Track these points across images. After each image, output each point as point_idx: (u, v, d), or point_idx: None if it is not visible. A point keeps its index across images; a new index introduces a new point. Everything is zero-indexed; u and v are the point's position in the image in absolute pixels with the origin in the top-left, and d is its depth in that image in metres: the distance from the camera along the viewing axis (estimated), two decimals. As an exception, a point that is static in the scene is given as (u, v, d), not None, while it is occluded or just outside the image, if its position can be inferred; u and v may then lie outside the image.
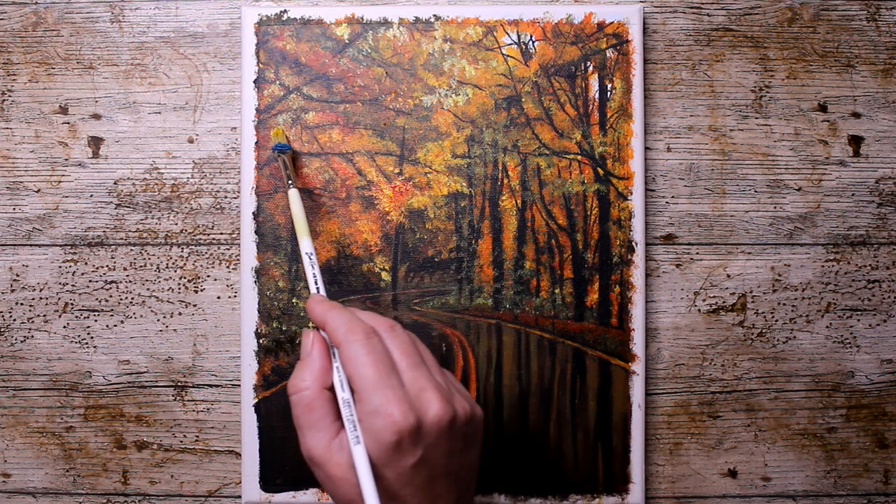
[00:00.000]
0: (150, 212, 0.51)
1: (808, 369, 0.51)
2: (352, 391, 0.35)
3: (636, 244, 0.49)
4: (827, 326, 0.51)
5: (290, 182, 0.46)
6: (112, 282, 0.51)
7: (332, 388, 0.36)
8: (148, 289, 0.51)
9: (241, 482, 0.50)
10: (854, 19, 0.51)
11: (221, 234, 0.51)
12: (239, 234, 0.51)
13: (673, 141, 0.51)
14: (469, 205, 0.50)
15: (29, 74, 0.51)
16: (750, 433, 0.51)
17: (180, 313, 0.51)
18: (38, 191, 0.51)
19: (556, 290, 0.50)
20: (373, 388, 0.33)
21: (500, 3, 0.51)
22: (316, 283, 0.41)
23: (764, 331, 0.51)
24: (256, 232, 0.49)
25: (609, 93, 0.50)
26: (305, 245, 0.42)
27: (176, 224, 0.51)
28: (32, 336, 0.51)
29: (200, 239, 0.51)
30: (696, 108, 0.51)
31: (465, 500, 0.37)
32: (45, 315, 0.51)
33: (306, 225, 0.44)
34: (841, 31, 0.51)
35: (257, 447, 0.49)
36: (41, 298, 0.51)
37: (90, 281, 0.51)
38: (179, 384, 0.51)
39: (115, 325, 0.51)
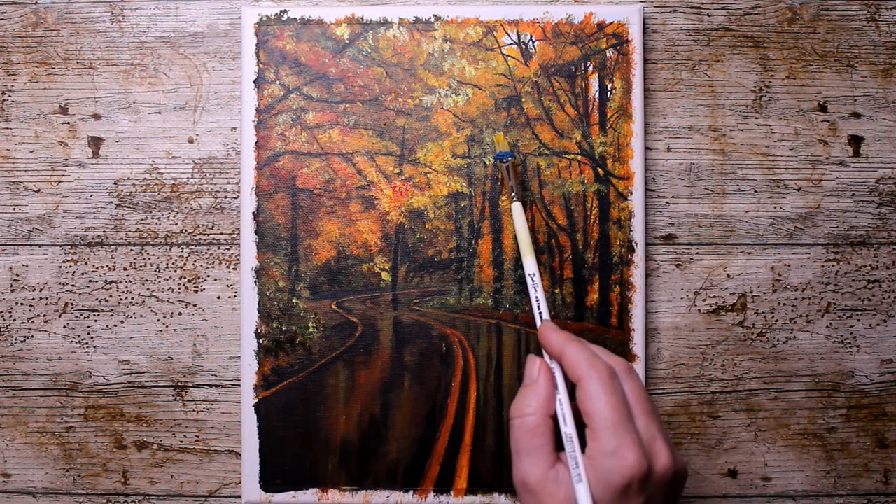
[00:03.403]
0: (150, 212, 0.51)
1: (808, 369, 0.51)
2: (580, 427, 0.35)
3: (636, 244, 0.49)
4: (827, 326, 0.51)
5: (513, 195, 0.45)
6: (112, 282, 0.51)
7: (553, 418, 0.36)
8: (148, 289, 0.51)
9: (241, 482, 0.50)
10: (854, 19, 0.51)
11: (221, 234, 0.51)
12: (239, 234, 0.51)
13: (673, 141, 0.51)
14: (469, 205, 0.50)
15: (29, 74, 0.51)
16: (750, 433, 0.51)
17: (180, 313, 0.51)
18: (38, 191, 0.51)
19: (556, 290, 0.50)
20: (612, 428, 0.33)
21: (500, 3, 0.51)
22: (539, 309, 0.40)
23: (764, 331, 0.51)
24: (256, 232, 0.49)
25: (609, 93, 0.50)
26: (529, 266, 0.42)
27: (176, 224, 0.51)
28: (32, 336, 0.51)
29: (200, 239, 0.51)
30: (696, 108, 0.51)
31: None
32: (45, 315, 0.51)
33: (531, 243, 0.43)
34: (841, 31, 0.51)
35: (257, 447, 0.49)
36: (41, 298, 0.51)
37: (90, 281, 0.51)
38: (179, 384, 0.51)
39: (115, 325, 0.51)
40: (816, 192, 0.51)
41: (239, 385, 0.51)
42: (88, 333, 0.51)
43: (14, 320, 0.51)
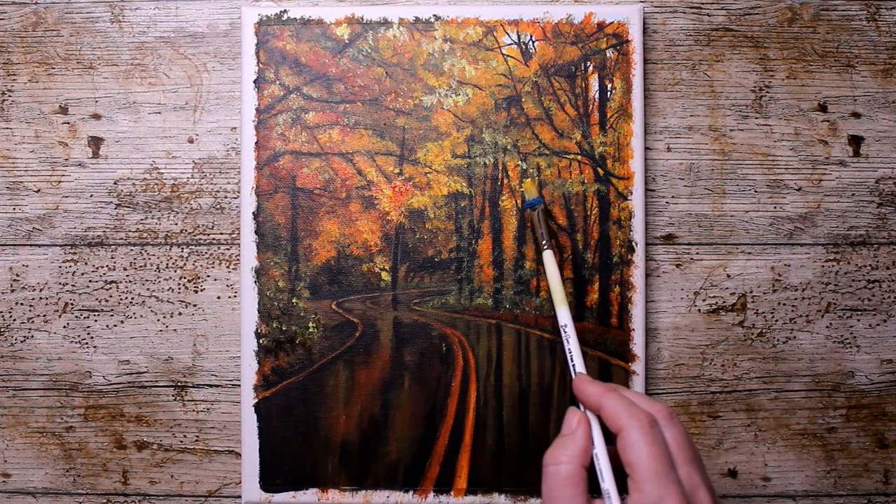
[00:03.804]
0: (150, 212, 0.51)
1: (808, 369, 0.51)
2: (615, 475, 0.36)
3: (636, 244, 0.49)
4: (827, 326, 0.51)
5: (543, 243, 0.45)
6: (112, 282, 0.51)
7: (589, 470, 0.36)
8: (148, 289, 0.51)
9: (241, 482, 0.50)
10: (854, 19, 0.51)
11: (221, 234, 0.51)
12: (239, 234, 0.51)
13: (673, 141, 0.51)
14: (469, 205, 0.50)
15: (29, 74, 0.51)
16: (750, 433, 0.51)
17: (180, 313, 0.51)
18: (38, 191, 0.51)
19: (556, 290, 0.50)
20: (655, 479, 0.33)
21: (500, 3, 0.51)
22: (572, 361, 0.41)
23: (764, 331, 0.51)
24: (256, 232, 0.49)
25: (609, 93, 0.50)
26: (563, 316, 0.42)
27: (176, 224, 0.51)
28: (32, 336, 0.51)
29: (200, 239, 0.51)
30: (696, 108, 0.51)
31: None
32: (45, 315, 0.51)
33: (564, 293, 0.43)
34: (841, 31, 0.51)
35: (257, 447, 0.49)
36: (41, 298, 0.51)
37: (90, 281, 0.51)
38: (179, 384, 0.51)
39: (115, 325, 0.51)
40: (816, 192, 0.51)
41: (239, 385, 0.51)
42: (88, 333, 0.51)
43: (14, 320, 0.51)
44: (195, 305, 0.51)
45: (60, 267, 0.51)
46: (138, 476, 0.51)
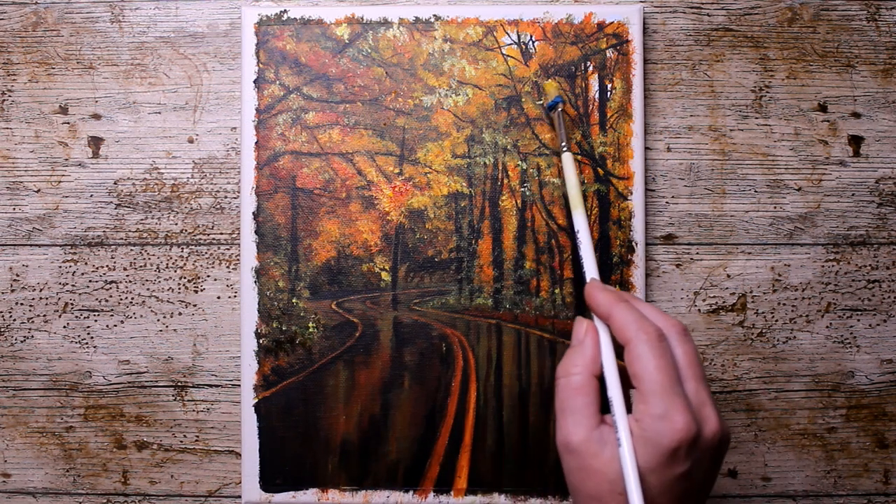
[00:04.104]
0: (150, 212, 0.51)
1: (808, 369, 0.51)
2: (627, 388, 0.35)
3: (636, 244, 0.49)
4: (827, 326, 0.51)
5: (563, 144, 0.43)
6: (112, 282, 0.51)
7: (599, 379, 0.36)
8: (148, 289, 0.51)
9: (241, 482, 0.50)
10: (854, 19, 0.51)
11: (221, 234, 0.51)
12: (239, 234, 0.51)
13: (673, 141, 0.51)
14: (469, 205, 0.50)
15: (29, 74, 0.51)
16: (750, 433, 0.51)
17: (180, 313, 0.51)
18: (38, 191, 0.51)
19: (556, 290, 0.50)
20: (661, 392, 0.33)
21: (500, 3, 0.51)
22: (583, 268, 0.39)
23: (764, 331, 0.51)
24: (256, 232, 0.49)
25: (609, 93, 0.50)
26: (578, 220, 0.40)
27: (176, 224, 0.51)
28: (32, 336, 0.51)
29: (200, 239, 0.51)
30: (696, 108, 0.51)
31: None
32: (45, 315, 0.51)
33: (581, 196, 0.41)
34: (841, 31, 0.51)
35: (257, 447, 0.49)
36: (41, 298, 0.51)
37: (90, 281, 0.51)
38: (179, 384, 0.51)
39: (115, 325, 0.51)
40: (816, 192, 0.51)
41: (239, 385, 0.51)
42: (88, 333, 0.51)
43: (14, 320, 0.51)
44: (195, 305, 0.51)
45: (60, 267, 0.51)
46: (138, 476, 0.51)
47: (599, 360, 0.36)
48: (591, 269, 0.40)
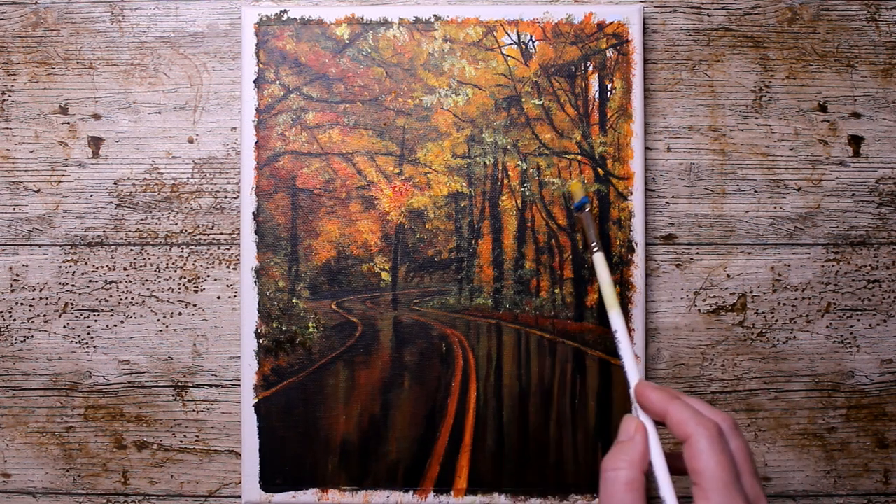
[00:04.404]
0: (150, 212, 0.51)
1: (808, 369, 0.51)
2: (677, 482, 0.36)
3: (636, 244, 0.49)
4: (827, 326, 0.51)
5: (594, 245, 0.43)
6: (112, 282, 0.51)
7: (647, 477, 0.37)
8: (148, 289, 0.51)
9: (241, 482, 0.50)
10: (854, 19, 0.51)
11: (221, 234, 0.51)
12: (239, 234, 0.51)
13: (673, 141, 0.51)
14: (469, 205, 0.50)
15: (29, 74, 0.51)
16: (750, 433, 0.51)
17: (180, 313, 0.51)
18: (38, 191, 0.51)
19: (556, 290, 0.50)
20: (723, 488, 0.34)
21: (500, 3, 0.51)
22: (624, 368, 0.39)
23: (764, 331, 0.51)
24: (256, 232, 0.49)
25: (609, 93, 0.50)
26: (616, 321, 0.40)
27: (176, 224, 0.51)
28: (32, 336, 0.51)
29: (200, 239, 0.51)
30: (696, 108, 0.51)
31: None
32: (45, 315, 0.51)
33: (615, 296, 0.40)
34: (841, 31, 0.51)
35: (257, 447, 0.49)
36: (41, 298, 0.51)
37: (90, 281, 0.51)
38: (179, 384, 0.51)
39: (115, 325, 0.51)
40: (816, 192, 0.51)
41: (239, 385, 0.51)
42: (88, 333, 0.51)
43: (14, 320, 0.51)
44: (195, 305, 0.51)
45: (60, 267, 0.51)
46: (138, 476, 0.51)
47: (648, 457, 0.37)
48: (632, 370, 0.40)
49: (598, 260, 0.42)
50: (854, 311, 0.51)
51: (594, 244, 0.43)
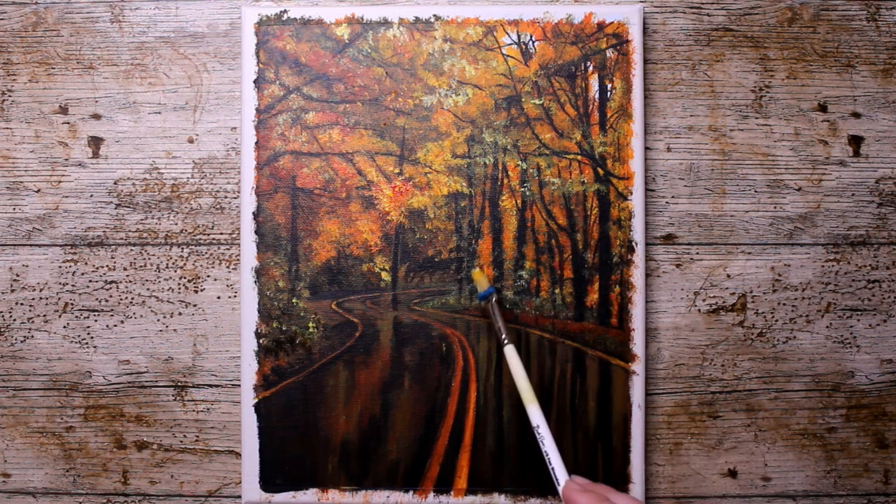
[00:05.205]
0: (150, 212, 0.51)
1: (808, 369, 0.51)
2: None
3: (636, 244, 0.49)
4: (827, 326, 0.51)
5: (503, 337, 0.42)
6: (112, 282, 0.51)
7: None
8: (148, 289, 0.51)
9: (241, 482, 0.50)
10: (854, 19, 0.51)
11: (221, 234, 0.51)
12: (239, 234, 0.51)
13: (673, 141, 0.51)
14: (469, 205, 0.50)
15: (29, 74, 0.51)
16: (750, 433, 0.51)
17: (180, 313, 0.51)
18: (38, 191, 0.51)
19: (556, 290, 0.50)
20: None
21: (500, 3, 0.51)
22: (551, 465, 0.37)
23: (764, 331, 0.51)
24: (256, 232, 0.49)
25: (609, 93, 0.50)
26: (535, 416, 0.38)
27: (176, 224, 0.51)
28: (32, 336, 0.51)
29: (200, 239, 0.51)
30: (696, 108, 0.51)
31: None
32: (45, 315, 0.51)
33: (531, 389, 0.39)
34: (841, 31, 0.51)
35: (257, 447, 0.49)
36: (41, 298, 0.51)
37: (90, 281, 0.51)
38: (179, 384, 0.51)
39: (115, 325, 0.51)
40: (816, 192, 0.51)
41: (239, 385, 0.51)
42: (88, 333, 0.51)
43: (14, 320, 0.51)
44: (195, 305, 0.51)
45: (60, 267, 0.51)
46: (138, 476, 0.51)
47: None
48: (560, 469, 0.39)
49: (510, 353, 0.42)
50: (854, 311, 0.51)
51: (503, 336, 0.42)
